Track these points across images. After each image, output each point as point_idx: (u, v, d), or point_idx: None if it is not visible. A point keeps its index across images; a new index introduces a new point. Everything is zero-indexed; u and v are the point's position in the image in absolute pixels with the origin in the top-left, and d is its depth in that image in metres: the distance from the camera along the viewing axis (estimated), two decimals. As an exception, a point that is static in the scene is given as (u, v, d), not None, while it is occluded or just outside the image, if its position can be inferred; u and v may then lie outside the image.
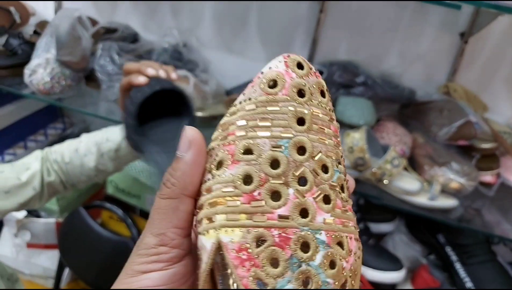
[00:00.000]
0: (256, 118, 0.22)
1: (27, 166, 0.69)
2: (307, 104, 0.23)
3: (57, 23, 1.01)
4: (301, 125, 0.22)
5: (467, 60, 1.03)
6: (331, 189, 0.21)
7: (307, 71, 0.24)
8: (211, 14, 1.18)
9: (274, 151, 0.21)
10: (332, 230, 0.20)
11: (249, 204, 0.21)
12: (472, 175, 0.81)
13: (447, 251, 0.91)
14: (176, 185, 0.23)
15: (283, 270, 0.19)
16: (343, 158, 0.24)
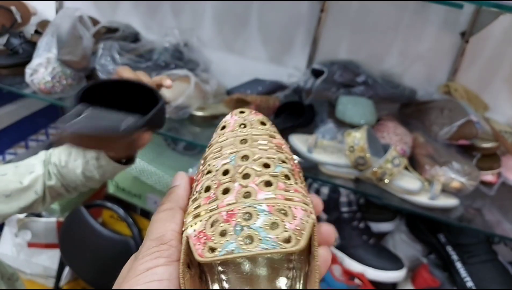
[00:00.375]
0: (213, 151, 0.31)
1: (30, 169, 0.68)
2: (248, 131, 0.32)
3: (58, 22, 1.01)
4: (244, 143, 0.30)
5: (468, 59, 1.03)
6: (272, 177, 0.27)
7: (247, 114, 0.34)
8: (212, 13, 1.19)
9: (224, 165, 0.29)
10: (273, 203, 0.25)
11: (207, 203, 0.27)
12: (473, 174, 0.81)
13: (447, 251, 0.91)
14: (172, 201, 0.30)
15: (229, 237, 0.24)
16: (291, 160, 0.31)
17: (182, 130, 1.01)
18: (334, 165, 0.84)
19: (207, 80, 1.08)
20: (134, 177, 1.04)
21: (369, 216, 1.06)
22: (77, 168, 0.67)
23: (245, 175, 0.28)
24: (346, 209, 0.95)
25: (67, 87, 0.98)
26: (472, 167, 0.83)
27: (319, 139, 0.89)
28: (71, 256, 1.14)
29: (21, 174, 0.67)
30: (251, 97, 1.01)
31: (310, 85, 1.00)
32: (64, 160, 0.68)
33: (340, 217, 0.94)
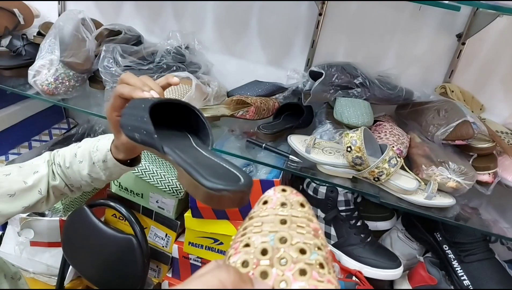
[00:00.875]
0: (253, 224, 0.34)
1: (34, 169, 0.69)
2: (288, 211, 0.34)
3: (61, 24, 1.03)
4: (284, 224, 0.33)
5: (464, 61, 1.05)
6: (307, 265, 0.30)
7: (289, 193, 0.37)
8: (213, 17, 1.20)
9: (263, 243, 0.31)
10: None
11: None
12: (469, 174, 0.82)
13: (444, 249, 0.93)
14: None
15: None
16: (326, 246, 0.33)
17: (183, 130, 1.02)
18: (332, 165, 0.86)
19: (208, 82, 1.10)
20: (136, 176, 1.06)
21: (367, 215, 1.08)
22: (83, 169, 0.68)
23: (282, 259, 0.31)
24: (344, 208, 0.96)
25: (70, 89, 1.00)
26: (469, 167, 0.85)
27: (317, 140, 0.91)
28: (74, 254, 1.16)
29: (25, 174, 0.68)
30: (251, 99, 1.02)
31: (309, 87, 1.01)
32: (68, 161, 0.69)
33: (337, 216, 0.96)
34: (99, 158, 0.66)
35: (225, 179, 0.39)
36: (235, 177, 0.40)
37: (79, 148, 0.69)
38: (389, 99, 1.00)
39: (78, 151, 0.69)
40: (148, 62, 1.05)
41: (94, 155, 0.66)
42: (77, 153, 0.69)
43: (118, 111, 0.56)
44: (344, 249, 0.95)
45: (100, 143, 0.67)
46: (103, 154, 0.65)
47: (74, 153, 0.69)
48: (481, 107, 1.07)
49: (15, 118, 1.27)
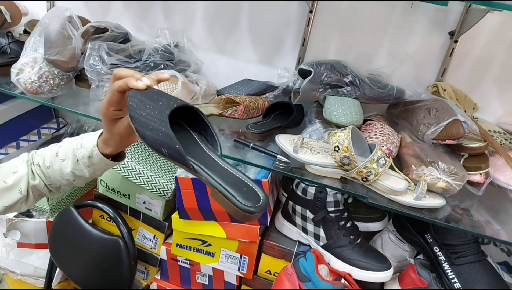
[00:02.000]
0: None
1: (14, 169, 0.69)
2: None
3: (47, 22, 1.01)
4: None
5: (456, 59, 1.03)
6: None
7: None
8: (202, 15, 1.19)
9: None
10: None
11: None
12: (459, 174, 0.80)
13: (435, 251, 0.91)
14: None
15: None
16: None
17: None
18: (320, 165, 0.84)
19: (197, 81, 1.08)
20: (123, 177, 1.04)
21: (358, 216, 1.06)
22: (65, 167, 0.67)
23: None
24: (333, 209, 0.94)
25: (54, 87, 0.98)
26: (459, 167, 0.83)
27: (306, 139, 0.89)
28: (61, 256, 1.14)
29: (5, 174, 0.68)
30: (240, 98, 1.01)
31: (298, 85, 0.99)
32: (49, 160, 0.69)
33: (326, 216, 0.94)
34: (84, 155, 0.66)
35: (251, 199, 0.47)
36: (256, 196, 0.47)
37: (60, 147, 0.69)
38: (380, 98, 0.98)
39: (59, 150, 0.69)
40: (135, 60, 1.03)
41: (79, 152, 0.66)
42: (58, 152, 0.69)
43: (115, 106, 0.59)
44: (334, 250, 0.93)
45: (84, 141, 0.67)
46: (89, 150, 0.65)
47: (55, 153, 0.69)
48: (474, 106, 1.05)
49: (2, 117, 1.25)
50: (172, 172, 1.07)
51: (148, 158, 1.08)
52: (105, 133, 0.64)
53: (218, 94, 1.14)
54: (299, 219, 0.99)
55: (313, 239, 0.97)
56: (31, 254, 1.22)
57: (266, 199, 0.47)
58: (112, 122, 0.61)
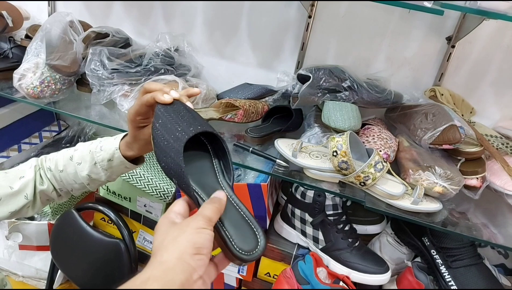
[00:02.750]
0: None
1: (20, 175, 0.69)
2: None
3: (48, 27, 1.02)
4: None
5: (454, 64, 1.04)
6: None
7: None
8: (202, 19, 1.20)
9: None
10: None
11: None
12: (456, 179, 0.81)
13: (432, 254, 0.92)
14: (222, 206, 0.48)
15: None
16: None
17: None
18: (318, 169, 0.85)
19: (197, 85, 1.09)
20: (124, 180, 1.05)
21: (356, 219, 1.07)
22: (81, 171, 0.69)
23: None
24: (331, 212, 0.95)
25: (56, 92, 0.99)
26: (456, 172, 0.84)
27: (304, 144, 0.90)
28: (62, 258, 1.15)
29: (11, 179, 0.69)
30: (239, 102, 1.02)
31: (297, 90, 1.00)
32: (62, 164, 0.70)
33: (325, 220, 0.95)
34: (104, 158, 0.68)
35: (249, 242, 0.47)
36: (255, 239, 0.47)
37: (76, 151, 0.71)
38: (378, 102, 0.99)
39: (74, 154, 0.71)
40: (136, 64, 1.04)
41: (98, 155, 0.69)
42: (73, 155, 0.71)
43: (142, 116, 0.61)
44: (332, 253, 0.94)
45: (104, 144, 0.70)
46: (110, 153, 0.68)
47: (69, 157, 0.71)
48: (472, 110, 1.06)
49: (4, 121, 1.27)
50: (173, 175, 1.08)
51: (149, 162, 1.09)
52: (129, 137, 0.67)
53: (218, 98, 1.15)
54: (298, 222, 1.00)
55: (312, 242, 0.99)
56: (32, 256, 1.23)
57: (263, 247, 0.47)
58: (138, 128, 0.64)
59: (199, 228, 0.43)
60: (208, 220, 0.44)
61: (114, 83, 0.99)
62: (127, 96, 0.98)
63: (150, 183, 1.03)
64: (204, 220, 0.44)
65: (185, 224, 0.44)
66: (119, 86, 0.99)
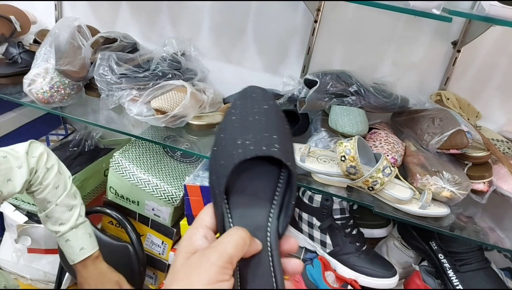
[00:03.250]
0: None
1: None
2: None
3: (57, 32, 1.03)
4: None
5: (459, 68, 1.05)
6: None
7: None
8: (209, 24, 1.20)
9: None
10: None
11: None
12: (464, 184, 0.82)
13: (440, 258, 0.92)
14: (249, 236, 0.36)
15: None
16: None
17: (180, 138, 1.03)
18: (326, 173, 0.85)
19: (204, 90, 1.10)
20: (133, 184, 1.06)
21: (362, 222, 1.07)
22: (43, 222, 0.87)
23: None
24: (339, 216, 0.96)
25: (65, 97, 1.00)
26: (463, 177, 0.84)
27: (312, 148, 0.91)
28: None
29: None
30: (246, 106, 1.02)
31: (304, 94, 1.01)
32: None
33: (333, 224, 0.95)
34: (60, 243, 0.88)
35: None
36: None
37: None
38: (385, 107, 0.99)
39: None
40: (144, 69, 1.05)
41: (60, 238, 0.87)
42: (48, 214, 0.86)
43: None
44: (340, 257, 0.95)
45: (72, 242, 0.87)
46: (68, 252, 0.87)
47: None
48: (477, 114, 1.07)
49: (12, 124, 1.28)
50: (181, 179, 1.09)
51: (157, 166, 1.10)
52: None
53: (224, 102, 1.15)
54: (305, 226, 1.01)
55: (320, 246, 0.99)
56: (40, 259, 1.24)
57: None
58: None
59: (216, 277, 0.33)
60: (229, 258, 0.34)
61: (123, 87, 1.00)
62: (135, 101, 0.99)
63: (158, 187, 1.04)
64: (225, 260, 0.33)
65: (204, 259, 0.34)
66: (127, 91, 1.00)
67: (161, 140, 1.00)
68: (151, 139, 1.00)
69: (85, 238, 0.87)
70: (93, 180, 1.27)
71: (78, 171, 1.19)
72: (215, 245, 0.35)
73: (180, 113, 0.95)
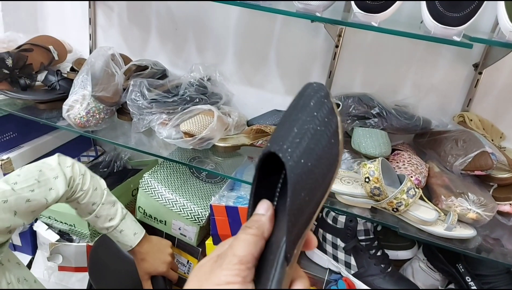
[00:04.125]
0: None
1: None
2: None
3: (93, 61, 1.10)
4: None
5: (482, 90, 1.06)
6: None
7: None
8: (233, 50, 1.26)
9: None
10: None
11: None
12: (489, 205, 0.82)
13: (467, 281, 0.91)
14: (259, 229, 0.34)
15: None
16: None
17: (206, 159, 1.07)
18: (350, 195, 0.87)
19: (229, 113, 1.14)
20: (160, 204, 1.10)
21: (387, 244, 1.07)
22: (94, 222, 0.91)
23: None
24: (363, 237, 0.96)
25: (100, 121, 1.06)
26: (489, 198, 0.84)
27: (336, 170, 0.92)
28: (99, 279, 1.19)
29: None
30: (269, 128, 1.06)
31: (327, 117, 1.04)
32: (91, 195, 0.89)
33: (357, 245, 0.96)
34: (117, 238, 0.95)
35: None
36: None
37: (103, 206, 0.92)
38: (407, 128, 1.01)
39: (99, 209, 0.91)
40: (173, 94, 1.10)
41: (115, 234, 0.94)
42: (98, 209, 0.91)
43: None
44: (365, 279, 0.95)
45: (125, 229, 0.95)
46: (124, 241, 0.95)
47: (92, 203, 0.90)
48: (501, 135, 1.07)
49: (47, 147, 1.35)
50: (207, 199, 1.12)
51: (184, 186, 1.13)
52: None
53: (248, 124, 1.19)
54: (329, 247, 1.02)
55: (344, 267, 1.00)
56: (70, 277, 1.28)
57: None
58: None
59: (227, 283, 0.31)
60: (238, 261, 0.32)
61: (153, 112, 1.05)
62: (165, 124, 1.03)
63: (185, 207, 1.07)
64: (234, 263, 0.32)
65: (215, 265, 0.33)
66: (157, 115, 1.05)
67: (188, 161, 1.04)
68: (179, 160, 1.04)
69: (134, 224, 0.96)
70: (122, 199, 1.30)
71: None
72: (226, 249, 0.34)
73: (207, 135, 0.99)
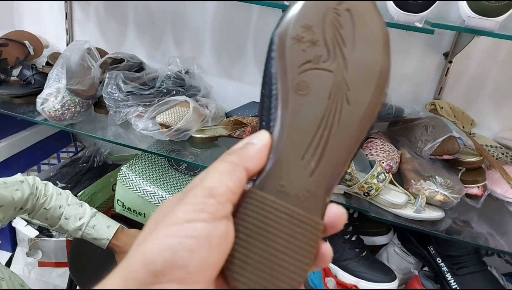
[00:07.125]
0: None
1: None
2: None
3: (68, 54, 1.10)
4: None
5: (452, 78, 1.09)
6: None
7: None
8: (211, 43, 1.27)
9: None
10: None
11: None
12: (456, 188, 0.85)
13: (438, 262, 0.94)
14: (241, 157, 0.26)
15: None
16: None
17: (184, 151, 1.07)
18: (324, 181, 0.89)
19: (207, 105, 1.15)
20: (139, 196, 1.10)
21: (363, 230, 1.10)
22: (65, 224, 0.89)
23: None
24: (338, 224, 0.98)
25: (75, 114, 1.06)
26: (456, 181, 0.87)
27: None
28: (80, 274, 1.19)
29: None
30: (247, 119, 1.07)
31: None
32: (50, 205, 0.88)
33: (332, 231, 0.98)
34: (91, 235, 0.92)
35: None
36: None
37: (68, 206, 0.90)
38: (381, 116, 1.03)
39: (66, 210, 0.89)
40: (149, 87, 1.10)
41: (88, 231, 0.91)
42: (64, 210, 0.90)
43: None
44: (340, 263, 0.97)
45: (98, 224, 0.92)
46: (99, 237, 0.92)
47: (59, 205, 0.89)
48: (472, 122, 1.10)
49: (25, 143, 1.34)
50: (185, 191, 1.13)
51: (162, 178, 1.14)
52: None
53: (226, 116, 1.20)
54: (306, 234, 1.04)
55: (320, 253, 1.01)
56: (51, 273, 1.27)
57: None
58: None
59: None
60: (208, 192, 0.24)
61: (129, 104, 1.05)
62: (141, 117, 1.04)
63: (163, 199, 1.08)
64: (201, 195, 0.24)
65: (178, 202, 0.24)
66: (134, 108, 1.05)
67: (167, 153, 1.05)
68: (157, 152, 1.04)
69: (106, 219, 0.95)
70: (102, 194, 1.32)
71: (88, 185, 1.24)
72: (195, 182, 0.25)
73: (183, 126, 0.99)
